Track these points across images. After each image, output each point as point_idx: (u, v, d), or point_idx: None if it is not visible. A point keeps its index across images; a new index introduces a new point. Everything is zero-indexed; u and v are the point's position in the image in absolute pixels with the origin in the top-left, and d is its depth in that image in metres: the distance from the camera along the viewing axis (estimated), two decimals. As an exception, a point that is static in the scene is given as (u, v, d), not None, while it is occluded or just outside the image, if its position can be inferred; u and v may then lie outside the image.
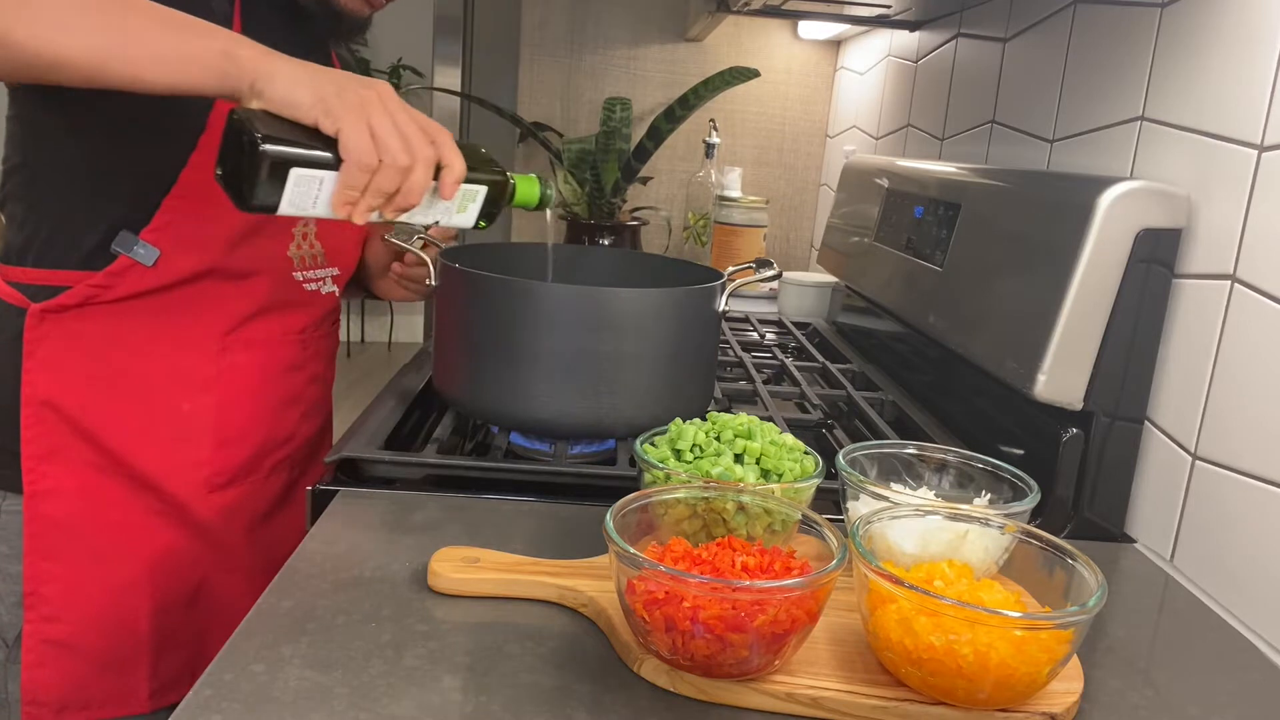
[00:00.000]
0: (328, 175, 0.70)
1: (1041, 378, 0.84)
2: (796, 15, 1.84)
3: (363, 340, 5.03)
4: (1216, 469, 0.76)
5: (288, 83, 0.68)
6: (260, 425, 0.97)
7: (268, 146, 0.67)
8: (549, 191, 0.87)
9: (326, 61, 0.99)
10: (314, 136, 0.69)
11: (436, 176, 0.73)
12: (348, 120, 0.68)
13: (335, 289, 1.03)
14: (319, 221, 0.97)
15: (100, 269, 0.85)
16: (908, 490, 0.75)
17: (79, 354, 0.86)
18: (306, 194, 0.70)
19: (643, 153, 1.83)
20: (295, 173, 0.69)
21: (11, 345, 0.86)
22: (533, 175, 0.87)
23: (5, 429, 0.86)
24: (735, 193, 2.01)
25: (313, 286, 0.99)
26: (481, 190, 0.81)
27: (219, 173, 0.72)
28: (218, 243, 0.88)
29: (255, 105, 0.69)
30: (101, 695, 0.89)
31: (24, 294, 0.86)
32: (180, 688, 0.92)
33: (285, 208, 0.70)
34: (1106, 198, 0.81)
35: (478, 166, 0.80)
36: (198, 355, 0.91)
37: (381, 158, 0.68)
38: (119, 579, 0.89)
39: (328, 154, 0.69)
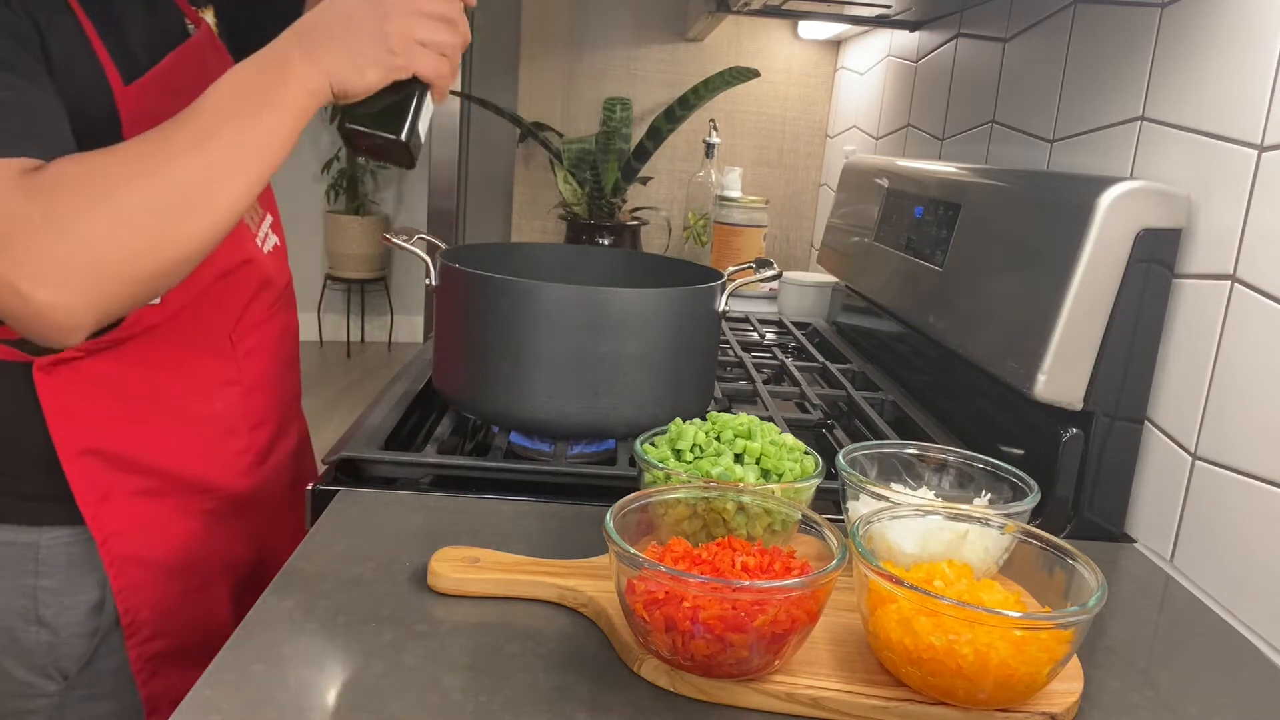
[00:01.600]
0: (428, 97, 0.80)
1: (1041, 378, 0.84)
2: (796, 15, 1.84)
3: (363, 340, 5.04)
4: (1216, 469, 0.76)
5: (353, 73, 0.73)
6: (279, 392, 1.01)
7: (400, 136, 0.77)
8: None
9: None
10: (400, 87, 0.77)
11: None
12: (409, 59, 0.75)
13: (276, 238, 1.02)
14: None
15: (110, 326, 0.80)
16: (908, 490, 0.75)
17: (101, 396, 0.83)
18: (427, 118, 0.81)
19: (643, 153, 1.83)
20: (419, 121, 0.80)
21: (21, 395, 0.81)
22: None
23: (34, 472, 0.83)
24: (735, 193, 2.01)
25: (268, 246, 0.99)
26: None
27: (361, 159, 0.81)
28: (208, 258, 0.83)
29: (344, 102, 0.76)
30: None
31: (20, 349, 0.80)
32: None
33: (425, 137, 0.82)
34: (1106, 198, 0.81)
35: None
36: (215, 358, 0.91)
37: (446, 54, 0.77)
38: (197, 581, 0.92)
39: (419, 88, 0.78)
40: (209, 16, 0.99)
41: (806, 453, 0.76)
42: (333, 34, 0.73)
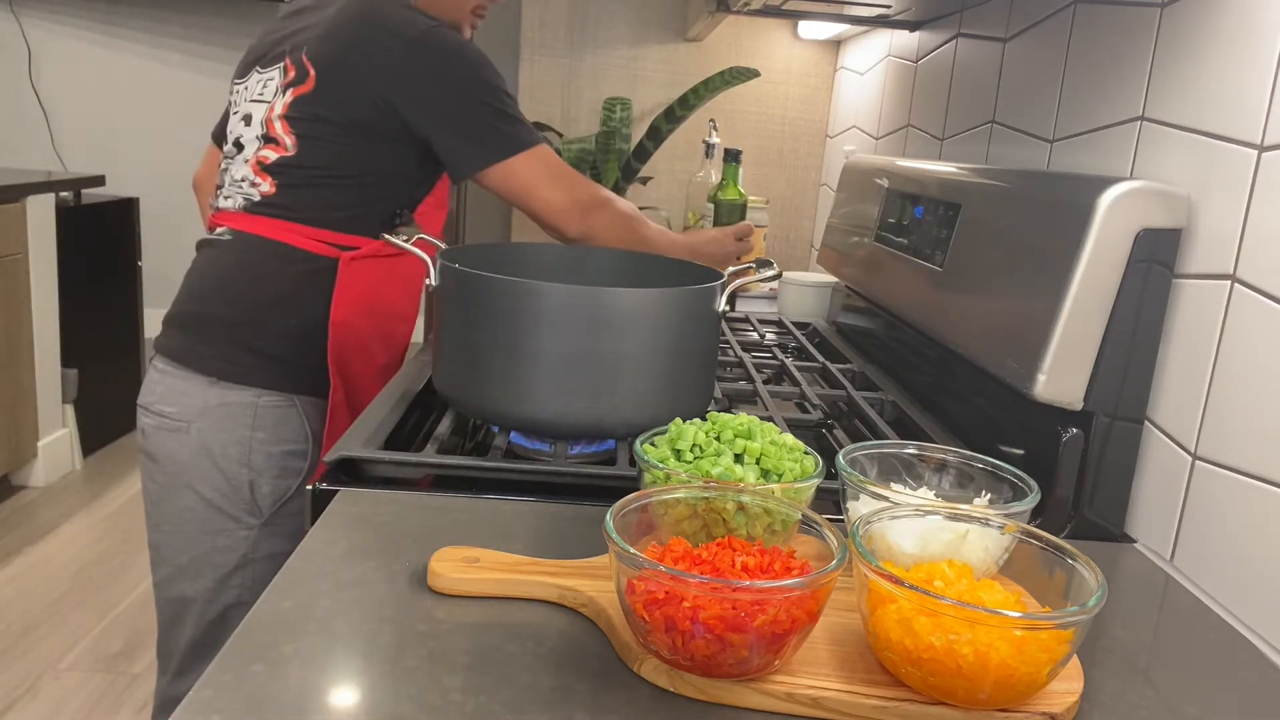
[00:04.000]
0: None
1: (1041, 378, 0.84)
2: (796, 15, 1.84)
3: (363, 340, 5.03)
4: (1216, 469, 0.76)
5: None
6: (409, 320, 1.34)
7: None
8: None
9: None
10: None
11: None
12: None
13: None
14: None
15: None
16: (908, 490, 0.75)
17: (363, 289, 1.20)
18: None
19: (643, 153, 1.83)
20: None
21: (314, 280, 1.19)
22: None
23: (289, 343, 1.20)
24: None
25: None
26: None
27: None
28: (437, 228, 1.31)
29: None
30: None
31: (334, 248, 1.20)
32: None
33: None
34: (1106, 198, 0.81)
35: None
36: (410, 298, 1.29)
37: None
38: (375, 383, 1.26)
39: None
40: None
41: (806, 453, 0.76)
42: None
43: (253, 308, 1.20)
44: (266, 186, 1.21)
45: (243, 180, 1.23)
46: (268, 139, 1.21)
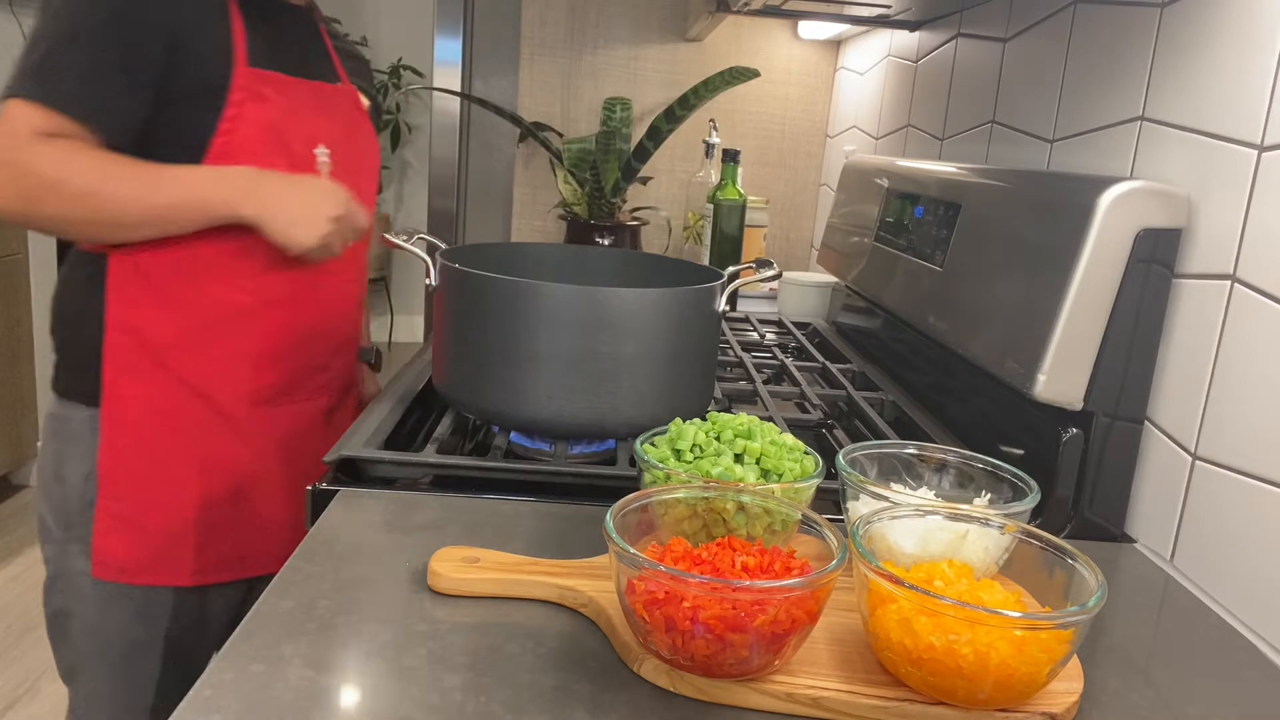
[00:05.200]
0: None
1: (1041, 378, 0.84)
2: (796, 15, 1.84)
3: (363, 340, 5.03)
4: (1216, 469, 0.76)
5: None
6: (296, 352, 1.13)
7: None
8: None
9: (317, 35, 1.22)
10: None
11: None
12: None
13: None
14: (336, 165, 1.13)
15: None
16: (908, 490, 0.75)
17: (149, 290, 1.04)
18: None
19: (643, 153, 1.83)
20: None
21: (88, 284, 1.05)
22: None
23: (84, 351, 1.06)
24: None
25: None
26: None
27: None
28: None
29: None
30: (152, 564, 1.08)
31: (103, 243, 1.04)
32: (220, 573, 1.12)
33: None
34: (1106, 198, 0.81)
35: None
36: (241, 292, 1.07)
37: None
38: (173, 473, 1.08)
39: None
40: (362, 98, 1.24)
41: (806, 453, 0.76)
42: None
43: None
44: None
45: None
46: None
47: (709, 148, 2.04)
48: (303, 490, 0.82)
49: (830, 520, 0.62)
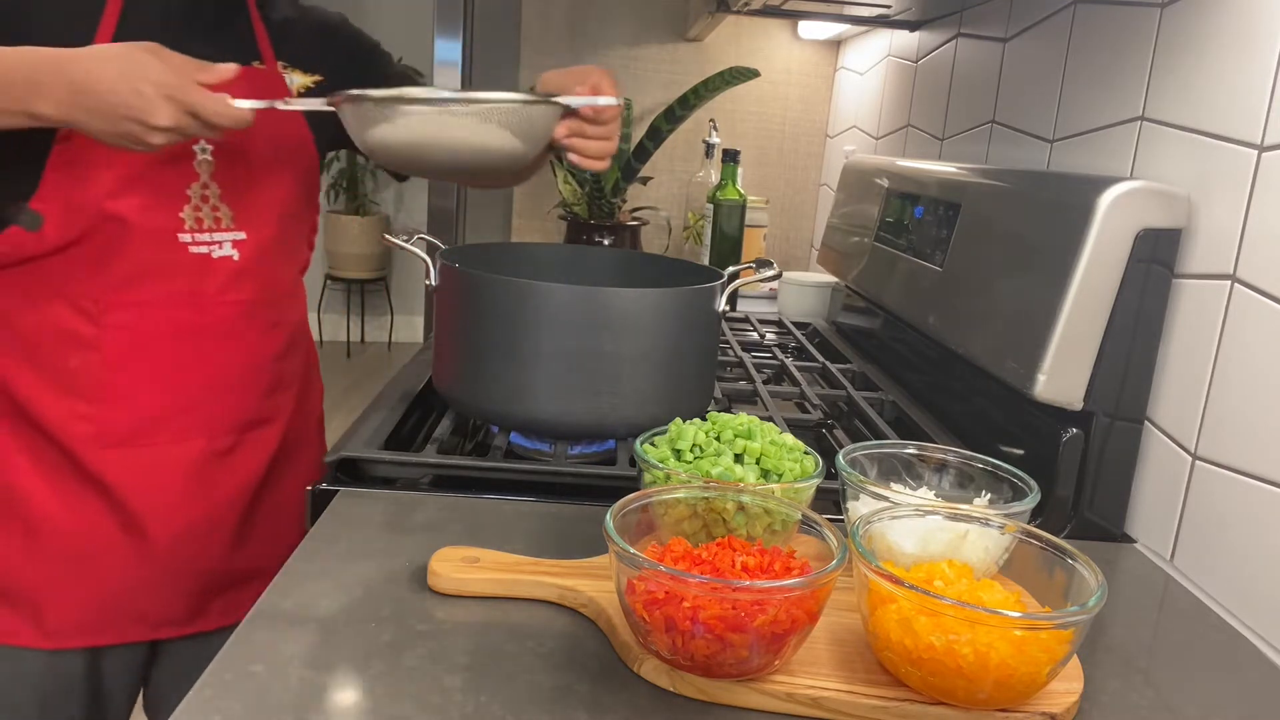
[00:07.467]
0: None
1: (1041, 378, 0.84)
2: (796, 15, 1.84)
3: (363, 340, 5.04)
4: (1216, 469, 0.76)
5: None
6: (153, 388, 0.97)
7: None
8: None
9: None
10: None
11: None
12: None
13: (235, 253, 0.99)
14: (227, 185, 0.99)
15: None
16: (908, 490, 0.75)
17: None
18: None
19: (643, 153, 1.83)
20: None
21: None
22: None
23: None
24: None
25: (202, 250, 0.96)
26: None
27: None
28: (97, 206, 0.92)
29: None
30: None
31: None
32: (82, 636, 0.96)
33: None
34: (1106, 198, 0.81)
35: None
36: (80, 314, 0.93)
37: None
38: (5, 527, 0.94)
39: None
40: (297, 77, 1.07)
41: (806, 453, 0.76)
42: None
43: None
44: None
45: None
46: None
47: (709, 148, 2.04)
48: (173, 549, 0.75)
49: (830, 520, 0.62)
